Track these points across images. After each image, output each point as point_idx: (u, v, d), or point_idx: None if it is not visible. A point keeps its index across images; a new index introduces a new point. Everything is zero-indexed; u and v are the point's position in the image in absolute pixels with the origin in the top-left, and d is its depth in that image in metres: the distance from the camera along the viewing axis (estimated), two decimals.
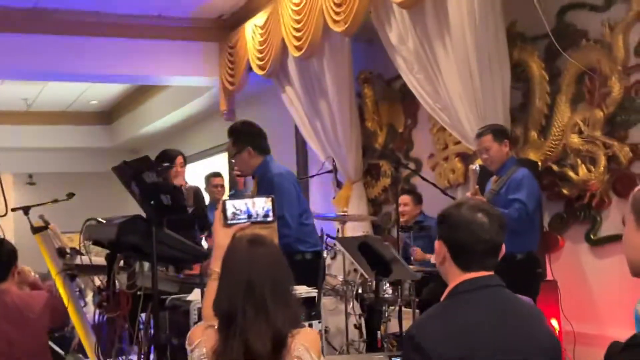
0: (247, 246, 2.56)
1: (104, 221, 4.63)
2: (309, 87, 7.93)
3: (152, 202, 4.08)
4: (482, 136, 5.21)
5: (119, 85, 12.60)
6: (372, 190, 8.09)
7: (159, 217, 4.10)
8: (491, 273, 2.40)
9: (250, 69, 8.54)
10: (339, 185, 8.58)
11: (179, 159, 5.81)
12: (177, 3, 8.50)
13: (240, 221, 2.79)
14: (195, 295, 3.55)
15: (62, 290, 5.19)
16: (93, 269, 5.93)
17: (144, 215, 4.14)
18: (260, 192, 4.85)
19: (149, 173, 4.04)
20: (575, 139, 5.55)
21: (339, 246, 5.61)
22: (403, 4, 6.01)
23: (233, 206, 2.80)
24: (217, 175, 8.01)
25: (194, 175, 8.70)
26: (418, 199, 6.80)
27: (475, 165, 5.24)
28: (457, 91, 5.87)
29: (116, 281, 4.56)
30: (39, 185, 15.44)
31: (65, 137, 14.55)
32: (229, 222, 2.78)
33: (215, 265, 2.75)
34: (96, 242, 4.66)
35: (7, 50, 8.32)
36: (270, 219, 2.82)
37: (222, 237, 2.78)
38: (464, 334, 2.24)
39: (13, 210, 5.51)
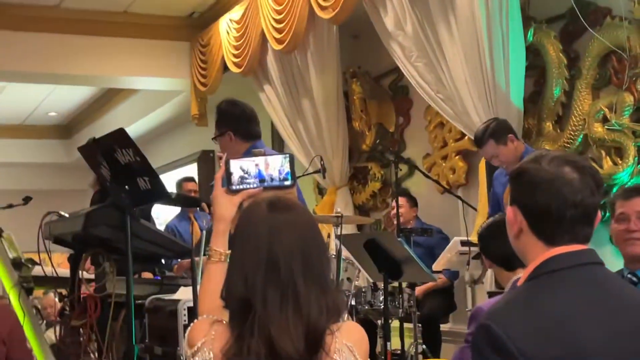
0: (267, 211, 1.90)
1: (67, 215, 3.94)
2: (290, 84, 7.30)
3: (126, 186, 3.40)
4: (483, 145, 4.64)
5: (79, 96, 11.87)
6: (360, 195, 7.45)
7: (134, 205, 3.43)
8: (585, 246, 1.78)
9: (225, 68, 7.90)
10: (320, 192, 7.96)
11: None
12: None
13: (248, 186, 2.14)
14: (183, 293, 2.88)
15: (17, 306, 4.59)
16: (54, 281, 5.24)
17: None
18: None
19: (124, 151, 3.35)
20: (598, 128, 4.96)
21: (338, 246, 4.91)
22: None
23: (240, 168, 2.15)
24: (190, 180, 7.24)
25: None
26: (413, 202, 6.18)
27: None
28: (463, 78, 5.26)
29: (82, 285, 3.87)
30: None
31: (20, 151, 13.68)
32: (234, 187, 2.13)
33: (217, 243, 2.10)
34: (58, 240, 3.96)
35: None
36: (288, 182, 2.17)
37: (224, 207, 2.13)
38: (557, 329, 1.65)
39: None
